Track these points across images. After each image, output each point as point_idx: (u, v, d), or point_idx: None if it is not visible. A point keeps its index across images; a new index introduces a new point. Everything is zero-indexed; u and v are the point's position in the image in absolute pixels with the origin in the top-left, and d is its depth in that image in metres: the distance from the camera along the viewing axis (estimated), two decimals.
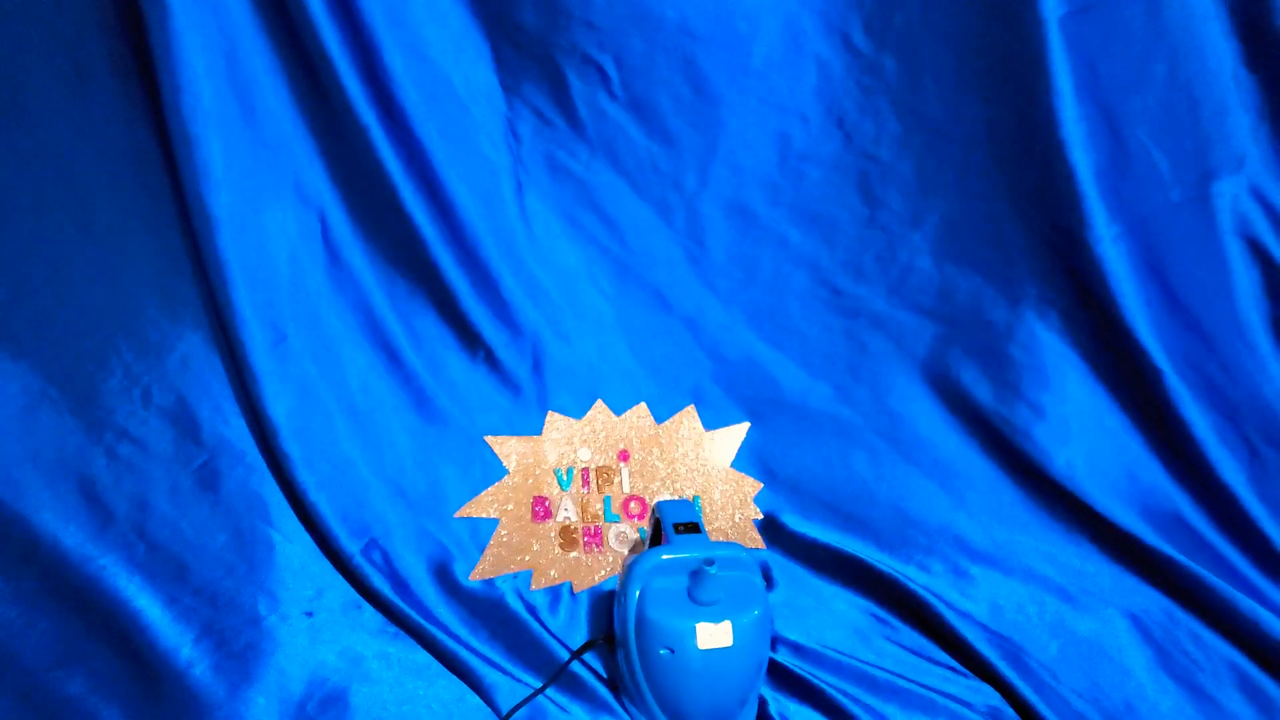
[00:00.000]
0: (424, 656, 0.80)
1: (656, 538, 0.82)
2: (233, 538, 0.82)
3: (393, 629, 0.82)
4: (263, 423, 0.85)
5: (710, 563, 0.70)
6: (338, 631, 0.80)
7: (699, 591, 0.71)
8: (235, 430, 0.85)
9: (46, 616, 0.76)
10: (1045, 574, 0.87)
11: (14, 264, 0.82)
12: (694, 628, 0.70)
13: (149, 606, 0.77)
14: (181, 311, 0.86)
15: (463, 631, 0.82)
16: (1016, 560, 0.88)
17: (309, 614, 0.81)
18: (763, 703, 0.76)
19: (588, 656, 0.81)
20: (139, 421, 0.83)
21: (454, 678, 0.78)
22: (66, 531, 0.78)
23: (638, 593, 0.74)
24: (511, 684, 0.77)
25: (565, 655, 0.79)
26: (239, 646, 0.77)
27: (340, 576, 0.84)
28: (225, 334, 0.86)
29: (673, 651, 0.71)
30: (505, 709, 0.75)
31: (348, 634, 0.80)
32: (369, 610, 0.83)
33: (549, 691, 0.77)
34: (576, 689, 0.78)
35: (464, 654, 0.79)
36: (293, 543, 0.84)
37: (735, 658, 0.71)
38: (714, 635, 0.70)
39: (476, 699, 0.77)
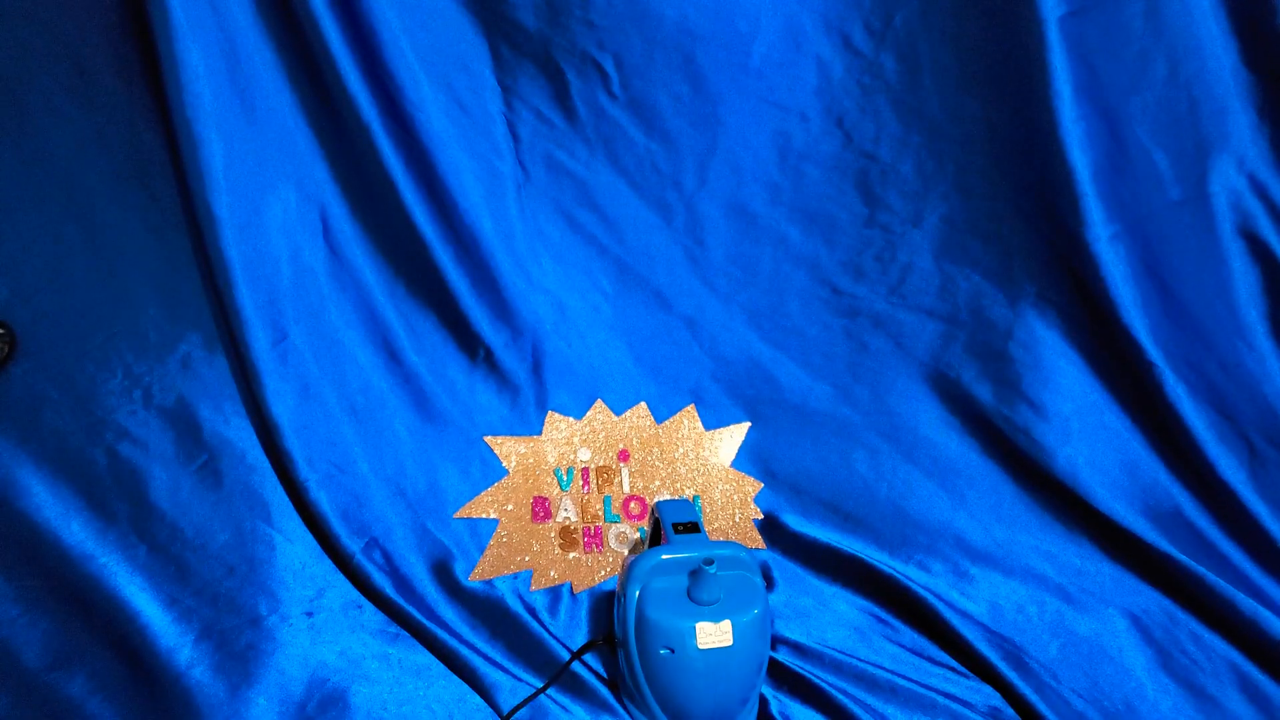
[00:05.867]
0: (424, 657, 0.80)
1: (656, 538, 0.82)
2: (233, 537, 0.82)
3: (393, 629, 0.82)
4: (263, 422, 0.85)
5: (710, 562, 0.70)
6: (338, 632, 0.81)
7: (699, 591, 0.71)
8: (236, 430, 0.85)
9: (47, 616, 0.76)
10: (1045, 573, 0.87)
11: (15, 264, 0.83)
12: (694, 627, 0.70)
13: (149, 607, 0.77)
14: (182, 311, 0.86)
15: (464, 631, 0.82)
16: (1016, 560, 0.88)
17: (309, 614, 0.81)
18: (763, 703, 0.76)
19: (588, 657, 0.81)
20: (140, 421, 0.83)
21: (454, 678, 0.78)
22: (68, 531, 0.78)
23: (638, 592, 0.73)
24: (513, 684, 0.77)
25: (565, 655, 0.79)
26: (239, 647, 0.77)
27: (341, 576, 0.84)
28: (226, 333, 0.86)
29: (673, 651, 0.71)
30: (506, 709, 0.75)
31: (348, 634, 0.81)
32: (369, 610, 0.83)
33: (550, 691, 0.77)
34: (578, 689, 0.78)
35: (465, 654, 0.79)
36: (293, 543, 0.84)
37: (735, 657, 0.71)
38: (714, 635, 0.70)
39: (477, 699, 0.77)
